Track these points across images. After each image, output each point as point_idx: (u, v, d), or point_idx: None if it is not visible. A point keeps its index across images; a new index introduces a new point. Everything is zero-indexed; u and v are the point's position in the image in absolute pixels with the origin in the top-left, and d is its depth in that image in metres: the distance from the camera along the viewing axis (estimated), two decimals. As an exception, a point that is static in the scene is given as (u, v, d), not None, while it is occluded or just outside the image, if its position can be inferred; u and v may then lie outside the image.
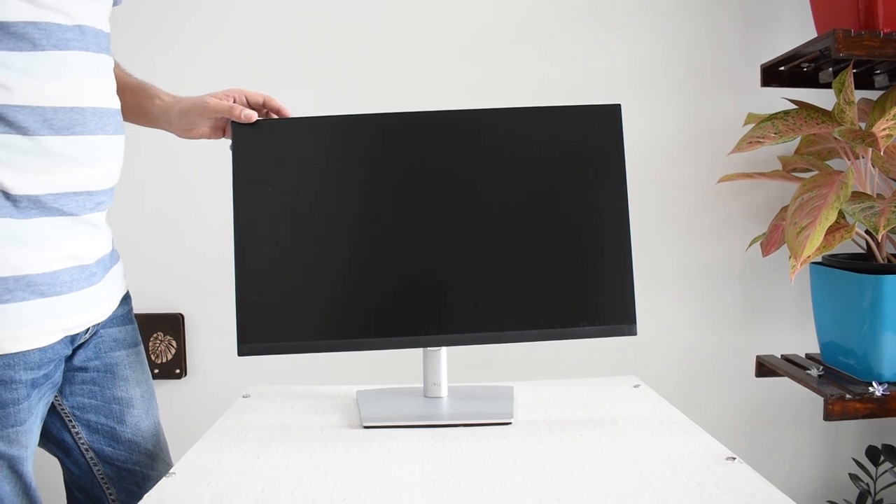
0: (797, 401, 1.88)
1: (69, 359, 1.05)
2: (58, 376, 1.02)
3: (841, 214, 1.41)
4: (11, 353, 0.92)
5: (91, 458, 1.08)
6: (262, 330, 1.08)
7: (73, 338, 1.02)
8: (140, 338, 1.17)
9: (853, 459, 1.85)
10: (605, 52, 1.82)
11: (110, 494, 1.10)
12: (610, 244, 1.12)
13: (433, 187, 1.12)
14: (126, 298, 1.15)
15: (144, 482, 1.11)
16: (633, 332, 1.11)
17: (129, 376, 1.12)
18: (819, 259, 1.60)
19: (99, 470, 1.09)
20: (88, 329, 1.05)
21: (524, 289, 1.11)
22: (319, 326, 1.10)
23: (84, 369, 1.07)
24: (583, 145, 1.14)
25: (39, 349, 0.95)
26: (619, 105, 1.15)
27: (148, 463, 1.13)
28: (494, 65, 1.81)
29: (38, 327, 0.94)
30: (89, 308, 1.02)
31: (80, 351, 1.06)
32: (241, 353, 1.07)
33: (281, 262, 1.10)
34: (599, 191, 1.13)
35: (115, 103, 1.04)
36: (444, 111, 1.17)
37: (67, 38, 0.95)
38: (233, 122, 1.12)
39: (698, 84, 1.84)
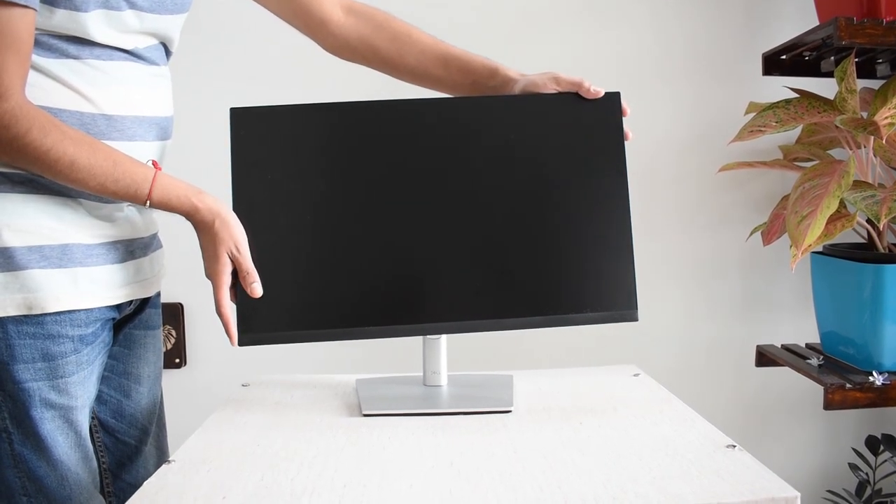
0: (797, 390, 1.88)
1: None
2: (107, 336, 1.06)
3: (842, 203, 1.41)
4: (58, 311, 0.98)
5: (94, 425, 1.12)
6: (262, 320, 1.08)
7: (118, 306, 1.07)
8: (161, 322, 1.22)
9: (853, 449, 1.85)
10: (606, 41, 1.82)
11: (103, 462, 1.13)
12: (611, 230, 1.12)
13: (434, 174, 1.12)
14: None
15: (136, 455, 1.16)
16: (635, 318, 1.11)
17: (142, 355, 1.16)
18: (820, 248, 1.60)
19: (99, 438, 1.13)
20: (132, 302, 1.11)
21: (525, 276, 1.11)
22: (320, 315, 1.10)
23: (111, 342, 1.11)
24: (583, 132, 1.13)
25: (85, 310, 1.00)
26: (618, 93, 1.14)
27: (141, 438, 1.17)
28: (493, 56, 1.80)
29: (86, 293, 1.00)
30: (134, 281, 1.08)
31: (121, 322, 1.12)
32: (241, 342, 1.07)
33: (280, 250, 1.09)
34: (600, 177, 1.13)
35: (163, 112, 1.08)
36: (446, 98, 1.17)
37: (111, 51, 1.00)
38: (231, 109, 1.11)
39: (700, 73, 1.83)
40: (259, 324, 1.07)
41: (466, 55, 1.22)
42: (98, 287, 1.01)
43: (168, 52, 1.10)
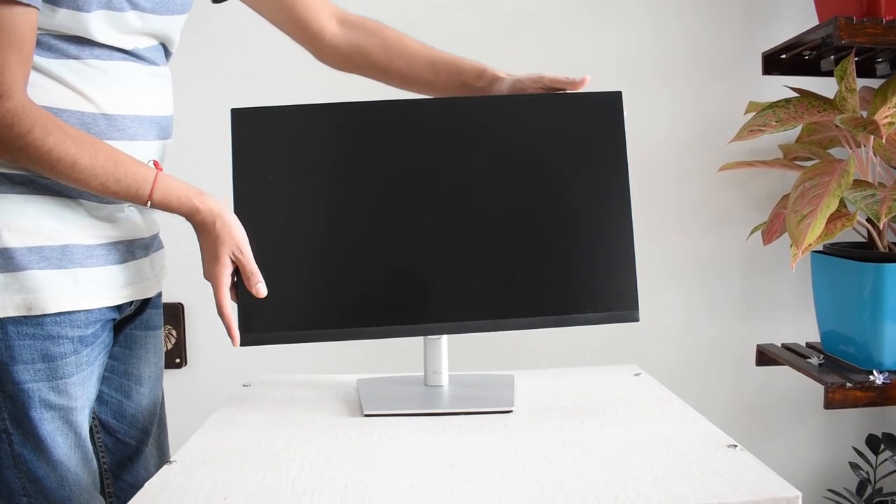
0: (798, 389, 1.89)
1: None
2: (107, 337, 1.06)
3: (842, 203, 1.41)
4: (58, 312, 0.97)
5: (95, 426, 1.12)
6: (263, 320, 1.08)
7: (119, 307, 1.07)
8: (162, 322, 1.22)
9: (853, 448, 1.85)
10: (607, 41, 1.82)
11: (104, 463, 1.13)
12: (612, 230, 1.12)
13: (435, 174, 1.12)
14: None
15: (136, 456, 1.16)
16: (636, 318, 1.11)
17: (143, 356, 1.16)
18: (820, 247, 1.60)
19: (99, 438, 1.13)
20: (132, 303, 1.10)
21: (526, 276, 1.11)
22: (321, 315, 1.10)
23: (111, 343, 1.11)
24: (584, 133, 1.13)
25: (85, 311, 1.00)
26: (619, 92, 1.14)
27: (142, 438, 1.16)
28: (494, 55, 1.79)
29: (87, 294, 1.00)
30: (135, 282, 1.08)
31: (122, 322, 1.12)
32: (243, 343, 1.07)
33: (282, 250, 1.09)
34: (601, 177, 1.13)
35: (163, 111, 1.08)
36: (447, 99, 1.17)
37: (111, 51, 1.00)
38: (232, 109, 1.11)
39: (699, 72, 1.83)
40: (260, 324, 1.07)
41: (455, 58, 1.23)
42: (98, 288, 1.01)
43: (168, 53, 1.10)
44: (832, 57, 1.66)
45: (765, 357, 1.73)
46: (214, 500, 0.80)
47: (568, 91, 1.15)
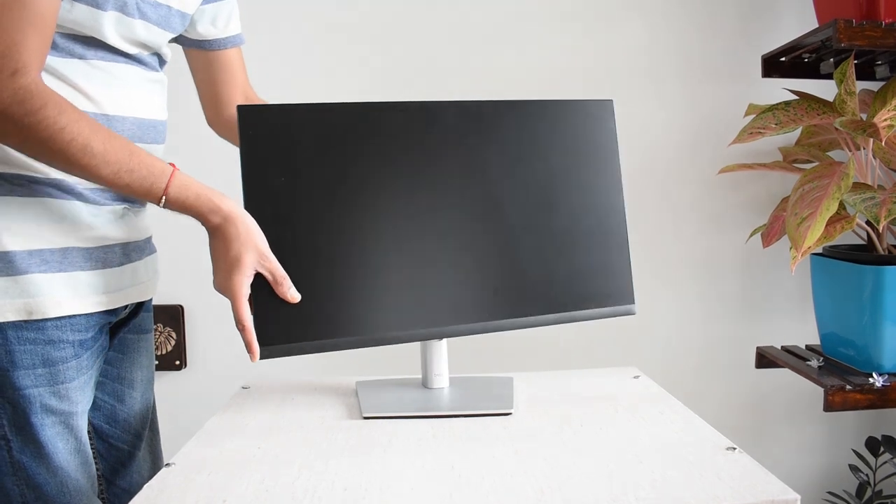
0: (797, 392, 1.89)
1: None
2: (104, 340, 1.06)
3: (842, 205, 1.41)
4: (59, 317, 0.97)
5: (88, 431, 1.10)
6: (278, 331, 1.04)
7: (114, 310, 1.07)
8: (152, 325, 1.22)
9: (853, 450, 1.85)
10: (607, 42, 1.82)
11: (97, 469, 1.12)
12: (607, 229, 1.13)
13: (432, 178, 1.12)
14: None
15: (129, 461, 1.15)
16: (633, 312, 1.15)
17: (135, 360, 1.16)
18: (820, 250, 1.60)
19: (92, 444, 1.12)
20: (127, 307, 1.10)
21: (523, 277, 1.11)
22: (330, 323, 1.07)
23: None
24: (577, 138, 1.15)
25: (85, 314, 1.00)
26: (611, 100, 1.16)
27: (135, 443, 1.16)
28: (492, 57, 1.80)
29: (86, 298, 1.00)
30: (132, 284, 1.08)
31: (115, 326, 1.12)
32: (262, 356, 1.03)
33: (290, 256, 1.07)
34: (595, 178, 1.14)
35: (159, 115, 1.08)
36: (448, 102, 1.16)
37: (114, 54, 1.01)
38: (238, 106, 1.09)
39: (699, 75, 1.83)
40: (275, 336, 1.05)
41: None
42: (97, 291, 1.01)
43: (162, 62, 1.11)
44: (832, 59, 1.66)
45: (764, 359, 1.73)
46: (213, 503, 0.80)
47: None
